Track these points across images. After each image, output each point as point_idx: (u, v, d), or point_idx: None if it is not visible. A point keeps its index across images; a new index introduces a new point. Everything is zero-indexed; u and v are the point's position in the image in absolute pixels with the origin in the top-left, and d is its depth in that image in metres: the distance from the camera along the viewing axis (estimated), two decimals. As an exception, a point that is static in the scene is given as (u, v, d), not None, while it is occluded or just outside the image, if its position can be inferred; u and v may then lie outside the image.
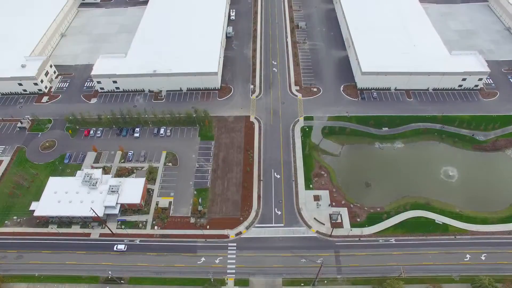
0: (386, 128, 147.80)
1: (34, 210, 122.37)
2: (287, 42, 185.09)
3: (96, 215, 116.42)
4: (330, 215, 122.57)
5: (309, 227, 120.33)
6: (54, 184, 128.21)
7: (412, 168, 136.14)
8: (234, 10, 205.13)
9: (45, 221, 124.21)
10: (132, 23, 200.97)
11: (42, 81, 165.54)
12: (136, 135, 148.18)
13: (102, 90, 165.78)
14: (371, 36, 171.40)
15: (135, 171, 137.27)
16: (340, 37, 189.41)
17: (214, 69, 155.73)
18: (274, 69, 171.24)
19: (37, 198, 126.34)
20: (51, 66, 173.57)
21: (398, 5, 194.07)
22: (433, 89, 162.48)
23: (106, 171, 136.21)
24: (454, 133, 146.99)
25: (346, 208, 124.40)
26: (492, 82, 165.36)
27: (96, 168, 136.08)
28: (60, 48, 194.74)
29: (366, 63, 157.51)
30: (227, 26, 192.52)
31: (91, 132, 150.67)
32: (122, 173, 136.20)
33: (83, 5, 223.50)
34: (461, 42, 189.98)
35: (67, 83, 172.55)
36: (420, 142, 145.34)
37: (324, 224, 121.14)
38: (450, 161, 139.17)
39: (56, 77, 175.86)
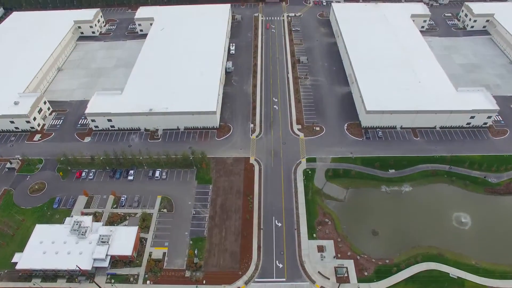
0: (393, 170, 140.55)
1: (16, 263, 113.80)
2: (288, 78, 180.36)
3: (83, 270, 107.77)
4: (335, 268, 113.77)
5: (313, 282, 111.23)
6: (41, 233, 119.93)
7: (422, 214, 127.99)
8: (234, 44, 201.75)
9: (28, 274, 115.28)
10: (130, 57, 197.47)
11: (35, 119, 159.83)
12: (130, 177, 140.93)
13: (97, 129, 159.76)
14: (375, 72, 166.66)
15: (127, 217, 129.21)
16: (343, 72, 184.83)
17: (213, 108, 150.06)
18: (275, 106, 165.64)
19: (21, 247, 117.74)
20: (45, 102, 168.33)
21: (401, 38, 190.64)
22: (441, 127, 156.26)
23: (97, 217, 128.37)
24: (465, 175, 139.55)
25: (353, 260, 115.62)
26: (501, 119, 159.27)
27: (87, 214, 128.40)
28: (56, 83, 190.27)
29: (371, 101, 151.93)
30: (227, 61, 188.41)
31: (83, 173, 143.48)
32: (114, 219, 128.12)
33: (81, 38, 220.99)
34: (466, 76, 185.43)
35: (61, 120, 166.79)
36: (429, 185, 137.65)
37: (329, 279, 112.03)
38: (462, 206, 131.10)
39: (50, 114, 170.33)
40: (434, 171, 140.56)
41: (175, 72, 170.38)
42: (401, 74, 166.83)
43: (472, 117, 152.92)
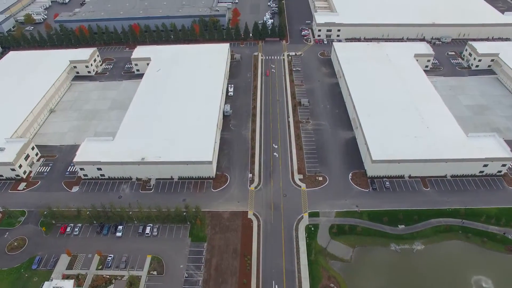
0: (403, 226, 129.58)
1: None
2: (288, 122, 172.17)
3: None
4: None
5: None
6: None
7: (437, 278, 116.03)
8: (232, 85, 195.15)
9: None
10: (125, 98, 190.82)
11: (20, 166, 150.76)
12: (119, 234, 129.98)
13: (86, 177, 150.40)
14: (380, 117, 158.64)
15: (113, 281, 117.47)
16: (346, 115, 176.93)
17: (209, 157, 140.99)
18: (275, 153, 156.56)
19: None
20: (33, 148, 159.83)
21: (406, 80, 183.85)
22: (452, 176, 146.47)
23: (79, 281, 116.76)
24: (482, 231, 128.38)
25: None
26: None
27: (68, 277, 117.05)
28: (47, 125, 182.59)
29: (376, 149, 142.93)
30: (225, 104, 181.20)
31: (68, 228, 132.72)
32: (98, 283, 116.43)
33: (77, 77, 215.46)
34: (474, 119, 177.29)
35: (49, 167, 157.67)
36: (443, 243, 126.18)
37: None
38: (482, 267, 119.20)
39: (38, 160, 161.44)
40: (447, 227, 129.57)
41: (170, 117, 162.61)
42: (407, 119, 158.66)
43: (485, 165, 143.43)
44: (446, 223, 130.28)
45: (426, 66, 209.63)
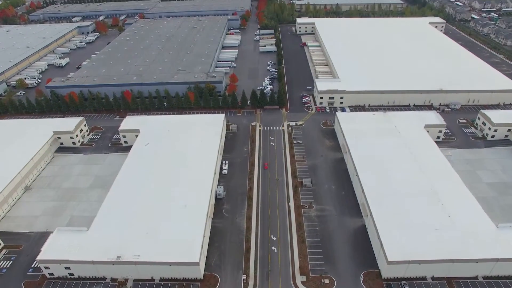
0: None
1: None
2: (289, 207, 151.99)
3: None
4: None
5: None
6: None
7: None
8: (227, 162, 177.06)
9: None
10: (108, 175, 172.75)
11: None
12: None
13: (52, 276, 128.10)
14: (393, 204, 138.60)
15: None
16: (353, 197, 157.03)
17: (195, 258, 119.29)
18: (273, 247, 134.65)
19: None
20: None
21: (418, 156, 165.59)
22: (484, 277, 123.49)
23: None
24: None
25: None
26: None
27: None
28: (18, 206, 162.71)
29: (392, 248, 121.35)
30: (218, 185, 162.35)
31: None
32: None
33: (61, 149, 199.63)
34: (500, 200, 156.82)
35: (10, 262, 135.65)
36: None
37: None
38: None
39: (0, 251, 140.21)
40: None
41: (154, 204, 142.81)
42: (425, 206, 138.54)
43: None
44: None
45: (438, 137, 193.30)
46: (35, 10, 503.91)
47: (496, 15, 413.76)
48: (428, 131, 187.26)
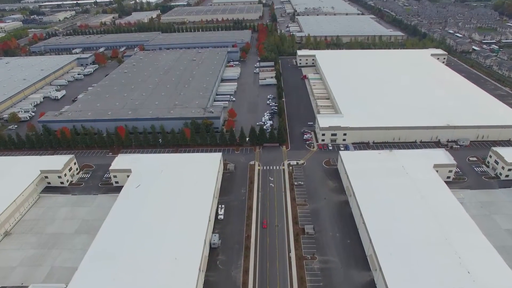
0: None
1: None
2: (290, 258, 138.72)
3: None
4: None
5: None
6: None
7: None
8: (223, 206, 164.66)
9: None
10: (96, 219, 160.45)
11: None
12: None
13: None
14: (405, 258, 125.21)
15: None
16: (360, 246, 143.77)
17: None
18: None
19: None
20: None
21: (428, 199, 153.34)
22: None
23: None
24: None
25: None
26: None
27: None
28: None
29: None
30: (213, 232, 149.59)
31: None
32: None
33: (48, 188, 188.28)
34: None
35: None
36: None
37: None
38: None
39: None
40: None
41: (141, 257, 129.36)
42: (440, 260, 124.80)
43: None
44: None
45: (448, 177, 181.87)
46: (38, 41, 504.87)
47: (497, 47, 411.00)
48: (437, 171, 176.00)
